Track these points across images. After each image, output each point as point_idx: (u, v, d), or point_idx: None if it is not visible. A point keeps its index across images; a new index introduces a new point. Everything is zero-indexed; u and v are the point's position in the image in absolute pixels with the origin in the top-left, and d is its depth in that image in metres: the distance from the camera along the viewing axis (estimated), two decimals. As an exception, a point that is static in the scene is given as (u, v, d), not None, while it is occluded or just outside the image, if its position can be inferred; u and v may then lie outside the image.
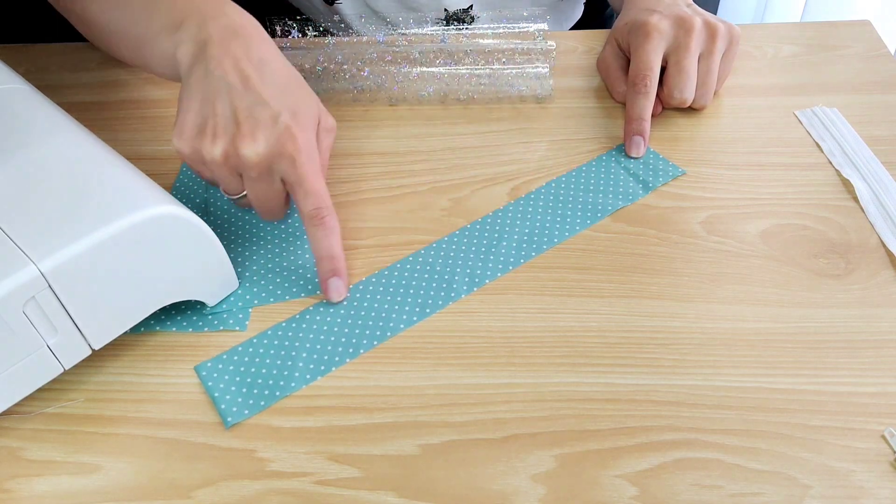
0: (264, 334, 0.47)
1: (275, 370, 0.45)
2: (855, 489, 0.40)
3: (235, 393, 0.44)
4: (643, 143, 0.58)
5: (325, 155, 0.51)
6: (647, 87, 0.58)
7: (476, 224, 0.54)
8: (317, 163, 0.48)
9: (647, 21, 0.59)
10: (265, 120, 0.46)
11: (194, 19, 0.50)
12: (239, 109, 0.46)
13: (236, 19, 0.50)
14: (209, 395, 0.44)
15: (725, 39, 0.59)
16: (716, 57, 0.59)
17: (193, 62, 0.49)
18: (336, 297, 0.49)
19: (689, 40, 0.58)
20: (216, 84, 0.47)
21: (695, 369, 0.45)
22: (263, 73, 0.48)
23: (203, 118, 0.47)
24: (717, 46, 0.59)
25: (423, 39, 0.65)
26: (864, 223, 0.53)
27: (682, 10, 0.60)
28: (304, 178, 0.47)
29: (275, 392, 0.44)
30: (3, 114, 0.47)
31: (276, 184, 0.48)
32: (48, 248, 0.39)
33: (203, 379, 0.45)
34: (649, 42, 0.58)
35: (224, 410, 0.44)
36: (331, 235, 0.48)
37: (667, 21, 0.59)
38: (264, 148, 0.46)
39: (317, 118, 0.50)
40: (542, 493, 0.40)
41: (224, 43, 0.48)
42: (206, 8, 0.51)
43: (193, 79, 0.48)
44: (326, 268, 0.48)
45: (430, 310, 0.48)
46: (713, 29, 0.58)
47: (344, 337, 0.47)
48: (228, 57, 0.48)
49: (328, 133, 0.52)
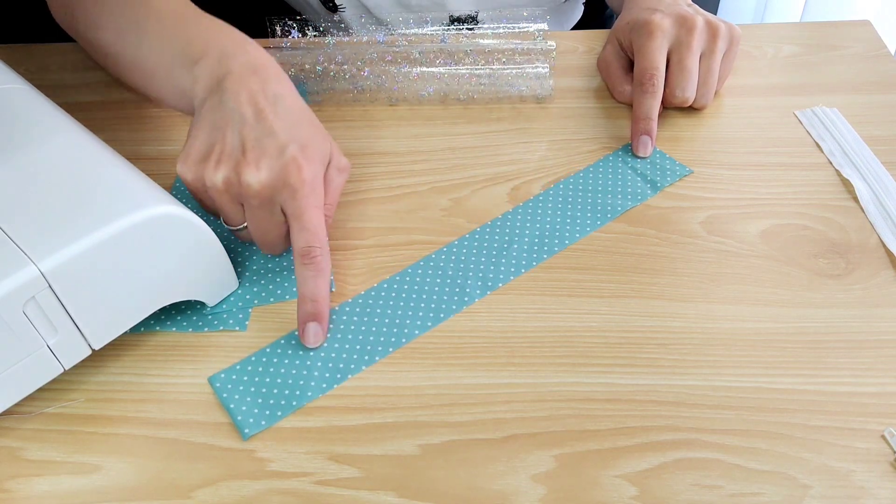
0: (278, 343, 0.47)
1: (290, 380, 0.45)
2: (855, 489, 0.40)
3: (251, 404, 0.44)
4: (651, 143, 0.58)
5: (335, 194, 0.50)
6: (654, 86, 0.58)
7: (486, 227, 0.53)
8: (319, 199, 0.47)
9: (649, 20, 0.59)
10: (272, 150, 0.46)
11: (214, 55, 0.50)
12: (247, 139, 0.46)
13: (256, 57, 0.50)
14: (224, 407, 0.44)
15: (726, 39, 0.59)
16: (717, 56, 0.59)
17: (208, 94, 0.49)
18: (312, 343, 0.46)
19: (690, 39, 0.58)
20: (228, 114, 0.47)
21: (695, 369, 0.45)
22: (277, 107, 0.48)
23: (210, 145, 0.47)
24: (718, 46, 0.59)
25: (423, 39, 0.65)
26: (864, 223, 0.53)
27: (684, 10, 0.60)
28: (303, 211, 0.46)
29: (291, 402, 0.44)
30: (3, 114, 0.47)
31: (277, 215, 0.47)
32: (48, 248, 0.39)
33: (217, 391, 0.44)
34: (653, 40, 0.58)
35: (241, 422, 0.43)
36: (319, 277, 0.46)
37: (669, 19, 0.59)
38: (267, 176, 0.45)
39: (327, 156, 0.50)
40: (542, 493, 0.40)
41: (242, 78, 0.48)
42: (227, 44, 0.51)
43: (206, 108, 0.48)
44: (308, 310, 0.46)
45: (445, 314, 0.48)
46: (714, 28, 0.59)
47: (359, 344, 0.47)
48: (245, 90, 0.48)
49: (340, 172, 0.51)
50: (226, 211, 0.48)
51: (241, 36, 0.53)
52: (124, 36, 0.55)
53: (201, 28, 0.53)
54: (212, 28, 0.53)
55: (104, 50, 0.58)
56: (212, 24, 0.53)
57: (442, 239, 0.53)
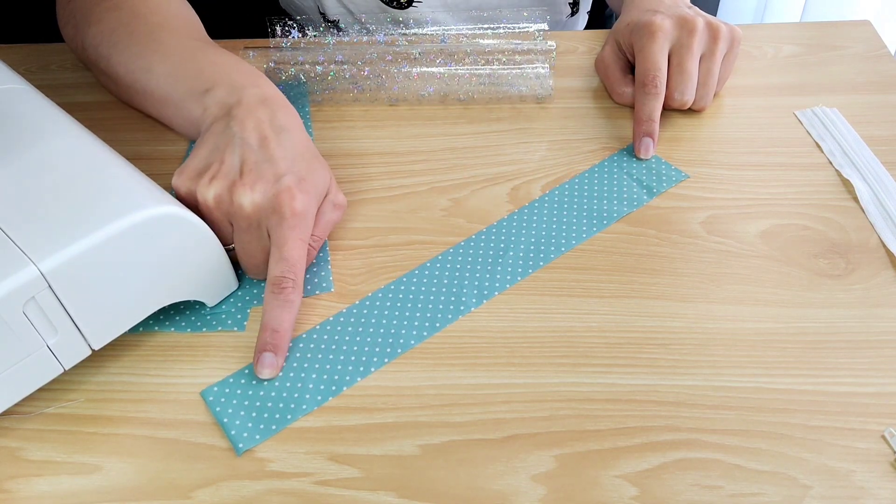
0: None
1: (284, 392, 0.44)
2: (855, 489, 0.40)
3: (245, 418, 0.43)
4: (653, 145, 0.58)
5: (325, 229, 0.50)
6: (657, 88, 0.57)
7: (481, 234, 0.53)
8: (306, 232, 0.47)
9: (651, 21, 0.59)
10: (269, 175, 0.46)
11: (225, 86, 0.51)
12: (247, 162, 0.46)
13: (266, 90, 0.51)
14: (217, 422, 0.43)
15: (727, 41, 0.59)
16: (717, 58, 0.59)
17: (215, 120, 0.49)
18: (266, 375, 0.44)
19: (691, 41, 0.58)
20: (232, 139, 0.48)
21: (695, 369, 0.45)
22: (282, 137, 0.48)
23: (208, 163, 0.47)
24: (718, 48, 0.59)
25: (423, 39, 0.65)
26: (864, 223, 0.53)
27: (685, 11, 0.60)
28: (286, 241, 0.46)
29: (286, 415, 0.43)
30: (3, 114, 0.47)
31: (264, 240, 0.47)
32: (48, 248, 0.39)
33: (210, 405, 0.44)
34: (655, 42, 0.58)
35: (234, 437, 0.43)
36: (285, 309, 0.45)
37: (670, 21, 0.59)
38: (260, 199, 0.45)
39: (324, 191, 0.50)
40: (542, 493, 0.40)
41: (251, 108, 0.49)
42: (239, 77, 0.52)
43: (211, 131, 0.49)
44: (266, 339, 0.45)
45: (441, 324, 0.48)
46: (715, 30, 0.58)
47: (353, 356, 0.46)
48: (252, 119, 0.48)
49: (336, 209, 0.51)
50: (214, 229, 0.47)
51: (251, 69, 0.54)
52: (136, 66, 0.56)
53: (211, 61, 0.54)
54: (222, 61, 0.54)
55: (116, 78, 0.59)
56: (222, 57, 0.54)
57: (442, 239, 0.53)
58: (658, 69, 0.58)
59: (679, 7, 0.61)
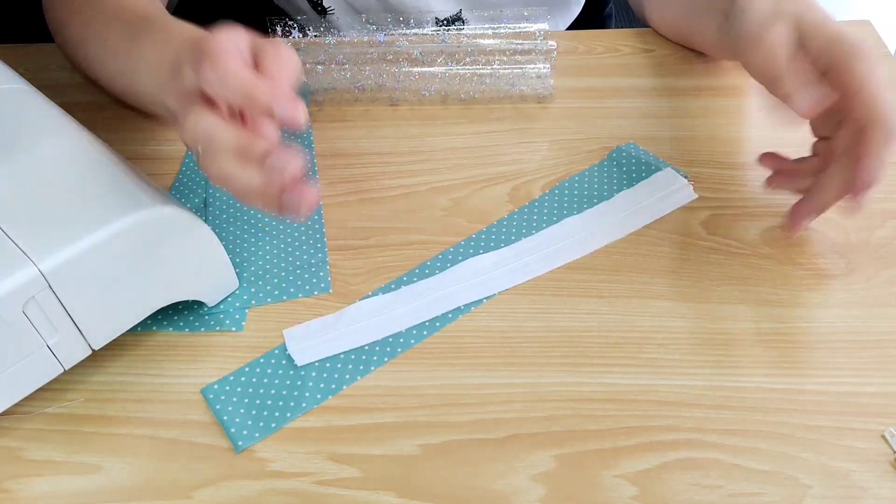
0: (271, 353, 0.47)
1: (284, 391, 0.45)
2: (855, 489, 0.40)
3: (245, 416, 0.43)
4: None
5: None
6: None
7: (481, 234, 0.53)
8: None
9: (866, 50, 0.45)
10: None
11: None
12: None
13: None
14: (217, 420, 0.44)
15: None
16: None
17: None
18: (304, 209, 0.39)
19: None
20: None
21: (695, 369, 0.45)
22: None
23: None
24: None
25: (423, 39, 0.65)
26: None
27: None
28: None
29: (286, 414, 0.44)
30: (3, 114, 0.47)
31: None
32: (48, 248, 0.39)
33: (210, 402, 0.44)
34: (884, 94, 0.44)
35: (234, 435, 0.43)
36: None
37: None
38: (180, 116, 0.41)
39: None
40: (542, 493, 0.40)
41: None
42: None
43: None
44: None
45: (441, 323, 0.48)
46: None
47: (353, 354, 0.46)
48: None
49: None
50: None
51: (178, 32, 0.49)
52: (104, 59, 0.55)
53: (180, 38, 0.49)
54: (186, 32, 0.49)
55: (91, 68, 0.58)
56: (187, 30, 0.49)
57: (442, 239, 0.53)
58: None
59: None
